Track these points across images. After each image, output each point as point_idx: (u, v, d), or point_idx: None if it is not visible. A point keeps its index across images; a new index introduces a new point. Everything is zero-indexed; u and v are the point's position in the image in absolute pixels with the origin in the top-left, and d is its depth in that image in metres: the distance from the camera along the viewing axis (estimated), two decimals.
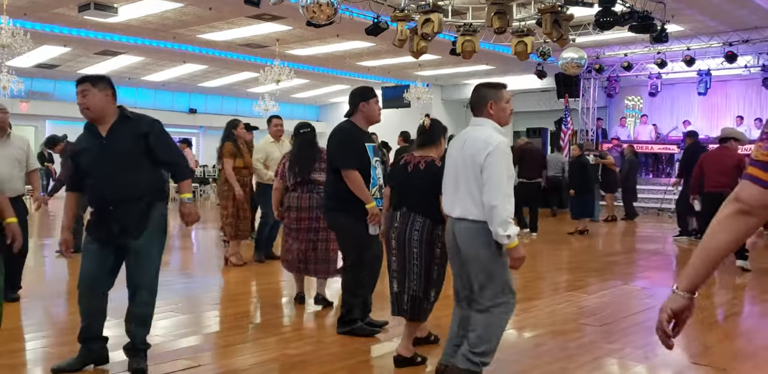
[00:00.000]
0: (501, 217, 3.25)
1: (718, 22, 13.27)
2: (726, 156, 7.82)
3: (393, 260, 3.99)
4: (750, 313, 5.74)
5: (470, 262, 3.45)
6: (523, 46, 10.68)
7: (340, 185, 4.36)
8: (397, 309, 4.01)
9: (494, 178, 3.30)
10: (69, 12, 12.07)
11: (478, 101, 3.55)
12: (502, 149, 3.34)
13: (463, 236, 3.45)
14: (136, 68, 18.43)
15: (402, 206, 3.98)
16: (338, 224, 4.53)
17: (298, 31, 13.71)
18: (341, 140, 4.48)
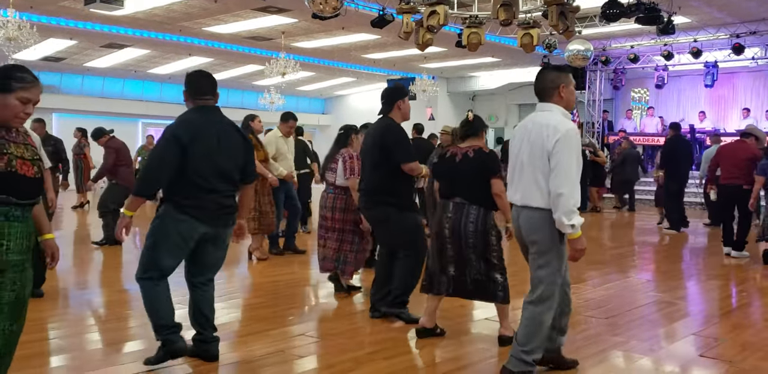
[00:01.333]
0: (567, 206, 3.21)
1: (725, 13, 13.18)
2: (741, 150, 8.02)
3: (448, 248, 4.18)
4: (758, 305, 5.74)
5: (533, 249, 3.45)
6: (529, 39, 10.62)
7: (388, 181, 4.60)
8: (454, 289, 4.25)
9: (563, 165, 3.24)
10: (75, 5, 12.06)
11: (547, 84, 3.50)
12: (572, 135, 3.30)
13: (526, 224, 3.45)
14: (142, 61, 18.43)
15: (454, 196, 4.15)
16: (388, 217, 4.66)
17: (304, 23, 13.69)
18: (398, 136, 4.64)
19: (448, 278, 4.25)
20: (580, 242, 3.28)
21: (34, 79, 2.69)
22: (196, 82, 3.76)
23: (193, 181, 3.53)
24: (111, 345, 4.28)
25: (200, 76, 3.81)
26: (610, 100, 18.90)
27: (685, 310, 5.44)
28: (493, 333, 4.44)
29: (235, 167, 3.72)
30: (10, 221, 2.60)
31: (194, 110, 3.70)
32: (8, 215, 2.60)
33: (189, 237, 3.59)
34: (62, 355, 4.04)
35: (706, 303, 5.93)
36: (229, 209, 3.72)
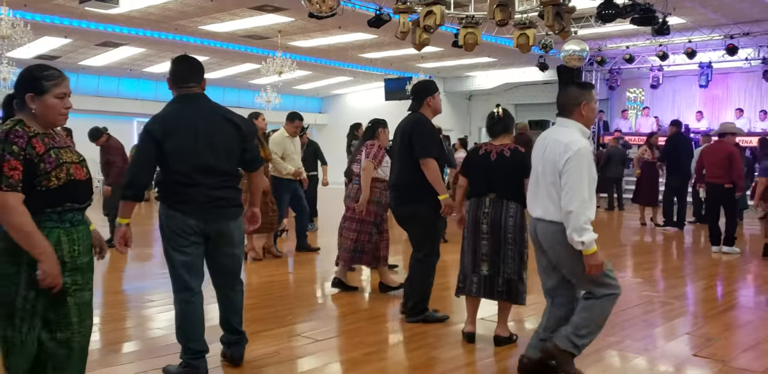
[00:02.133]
0: (577, 223, 3.25)
1: (720, 14, 13.24)
2: (720, 150, 8.31)
3: (483, 245, 4.21)
4: (751, 305, 5.77)
5: (557, 261, 3.52)
6: (525, 39, 10.65)
7: (418, 176, 4.53)
8: (485, 291, 4.24)
9: (572, 183, 3.29)
10: (70, 3, 12.03)
11: (569, 101, 3.51)
12: (583, 153, 3.33)
13: (543, 236, 3.51)
14: (138, 60, 18.39)
15: (489, 192, 4.20)
16: (417, 215, 4.65)
17: (301, 22, 13.68)
18: (424, 130, 4.63)
19: (480, 278, 4.26)
20: (593, 258, 3.29)
21: (60, 73, 2.67)
22: (176, 69, 3.55)
23: (174, 177, 3.39)
24: (107, 345, 4.28)
25: (181, 61, 3.60)
26: (605, 100, 18.95)
27: (680, 309, 5.47)
28: (489, 332, 4.46)
29: (224, 158, 3.47)
30: (75, 225, 2.65)
31: (174, 101, 3.52)
32: (73, 220, 2.64)
33: (184, 232, 3.41)
34: None
35: (700, 302, 5.96)
36: (223, 201, 3.47)
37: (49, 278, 2.49)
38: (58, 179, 2.56)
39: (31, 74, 2.62)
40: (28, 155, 2.50)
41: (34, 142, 2.54)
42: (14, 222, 2.45)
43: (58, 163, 2.57)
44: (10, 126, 2.54)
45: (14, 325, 2.55)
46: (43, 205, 2.54)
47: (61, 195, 2.58)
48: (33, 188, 2.52)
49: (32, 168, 2.51)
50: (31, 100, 2.58)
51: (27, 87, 2.60)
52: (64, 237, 2.59)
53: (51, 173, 2.54)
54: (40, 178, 2.53)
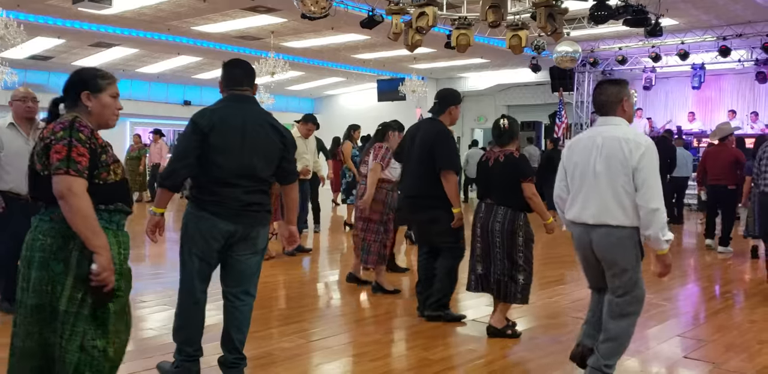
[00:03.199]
0: (663, 220, 3.13)
1: (712, 16, 13.29)
2: (725, 153, 8.57)
3: (477, 246, 4.46)
4: (741, 306, 5.79)
5: (612, 270, 3.33)
6: (517, 40, 10.67)
7: (434, 184, 4.64)
8: (482, 287, 4.49)
9: (651, 180, 3.16)
10: (63, 3, 12.00)
11: (610, 98, 3.40)
12: (653, 149, 3.23)
13: (605, 244, 3.30)
14: (131, 60, 18.36)
15: (486, 197, 4.39)
16: (438, 219, 4.73)
17: (293, 23, 13.67)
18: (448, 142, 4.74)
19: (476, 276, 4.50)
20: (668, 258, 3.22)
21: (112, 75, 2.67)
22: (229, 72, 3.48)
23: (211, 174, 3.25)
24: None
25: (233, 65, 3.52)
26: None
27: (671, 311, 5.48)
28: (481, 334, 4.47)
29: (264, 164, 3.35)
30: (122, 229, 2.60)
31: (226, 99, 3.43)
32: (119, 223, 2.59)
33: (212, 237, 3.28)
34: None
35: (692, 304, 5.98)
36: (256, 206, 3.35)
37: (104, 274, 2.38)
38: (116, 173, 2.53)
39: (85, 74, 2.61)
40: (93, 144, 2.46)
41: (96, 134, 2.51)
42: (79, 207, 2.35)
43: (115, 158, 2.56)
44: (72, 117, 2.49)
45: (55, 329, 2.42)
46: (98, 201, 2.46)
47: (116, 192, 2.54)
48: (91, 181, 2.44)
49: (95, 158, 2.46)
50: (87, 98, 2.55)
51: (82, 85, 2.57)
52: (112, 238, 2.50)
53: (110, 166, 2.51)
54: (100, 170, 2.48)
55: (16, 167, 4.61)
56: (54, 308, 2.42)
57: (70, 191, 2.35)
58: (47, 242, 2.43)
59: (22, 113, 4.74)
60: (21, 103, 4.73)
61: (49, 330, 2.44)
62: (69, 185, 2.36)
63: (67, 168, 2.37)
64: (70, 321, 2.42)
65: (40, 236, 2.45)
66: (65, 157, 2.38)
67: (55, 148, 2.40)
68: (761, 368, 3.92)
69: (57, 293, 2.41)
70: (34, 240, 2.47)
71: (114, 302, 2.50)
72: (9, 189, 4.67)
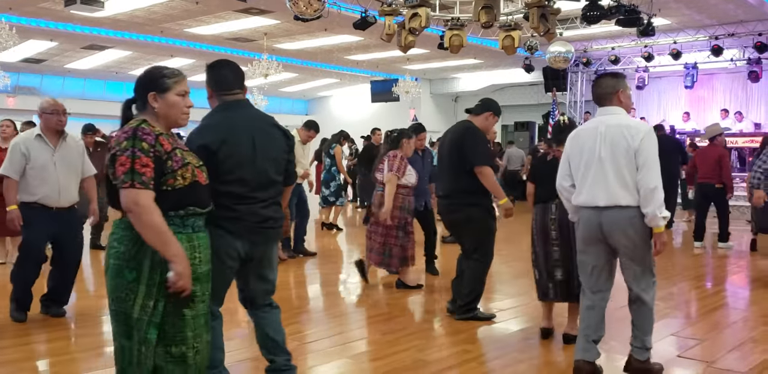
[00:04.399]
0: (660, 199, 3.37)
1: (704, 15, 13.33)
2: (711, 152, 8.82)
3: (555, 251, 4.35)
4: (735, 305, 5.81)
5: (625, 251, 3.57)
6: (510, 41, 10.69)
7: (470, 182, 4.66)
8: (561, 295, 4.38)
9: (650, 161, 3.41)
10: (55, 6, 11.98)
11: (607, 90, 3.63)
12: (653, 133, 3.49)
13: (615, 225, 3.51)
14: (124, 63, 18.33)
15: (555, 198, 4.19)
16: (472, 218, 4.77)
17: (286, 25, 13.68)
18: (478, 140, 4.76)
19: (555, 283, 4.38)
20: (663, 235, 3.45)
21: (180, 71, 2.62)
22: (218, 74, 3.18)
23: (226, 190, 2.98)
24: (91, 349, 4.25)
25: (222, 66, 3.20)
26: (591, 101, 18.95)
27: (665, 311, 5.49)
28: (475, 335, 4.46)
29: (276, 169, 3.18)
30: (197, 232, 2.56)
31: (221, 109, 3.14)
32: (194, 225, 2.55)
33: (227, 256, 3.04)
34: (43, 360, 4.02)
35: (685, 303, 6.00)
36: (272, 221, 3.16)
37: (181, 281, 2.37)
38: (184, 178, 2.48)
39: (151, 73, 2.58)
40: (157, 151, 2.43)
41: (161, 139, 2.47)
42: (148, 221, 2.35)
43: (183, 162, 2.50)
44: (136, 124, 2.47)
45: (130, 336, 2.45)
46: (168, 207, 2.44)
47: (186, 197, 2.50)
48: (159, 188, 2.43)
49: (160, 166, 2.43)
50: (154, 99, 2.53)
51: (149, 86, 2.54)
52: (186, 243, 2.48)
53: (177, 172, 2.47)
54: (167, 176, 2.45)
55: (43, 179, 4.59)
56: (128, 315, 2.43)
57: (137, 205, 2.35)
58: (120, 249, 2.43)
59: (53, 125, 4.68)
60: (53, 116, 4.67)
61: (125, 337, 2.46)
62: (135, 199, 2.35)
63: (132, 181, 2.36)
64: (143, 328, 2.43)
65: (115, 244, 2.46)
66: (129, 169, 2.37)
67: (120, 160, 2.39)
68: (754, 366, 3.94)
69: (130, 300, 2.42)
70: (110, 247, 2.48)
71: (189, 307, 2.50)
72: (35, 201, 4.59)
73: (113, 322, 2.49)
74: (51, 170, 4.64)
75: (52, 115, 4.67)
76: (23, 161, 4.56)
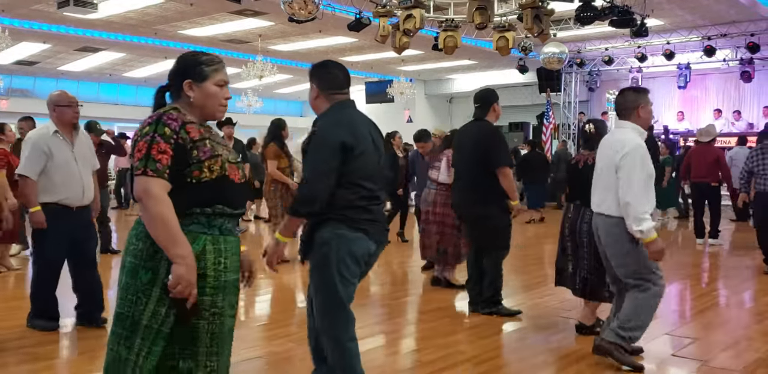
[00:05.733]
0: (634, 213, 3.53)
1: (697, 16, 13.38)
2: (709, 153, 9.10)
3: (568, 245, 4.62)
4: (728, 304, 5.83)
5: (609, 252, 3.83)
6: (504, 42, 10.73)
7: (490, 180, 4.88)
8: (567, 283, 4.64)
9: (627, 177, 3.59)
10: (48, 8, 11.94)
11: (628, 104, 3.79)
12: (638, 151, 3.63)
13: (602, 230, 3.83)
14: (118, 65, 18.29)
15: (575, 199, 4.53)
16: (490, 215, 4.97)
17: (280, 26, 13.67)
18: (500, 140, 5.05)
19: (567, 274, 4.64)
20: (654, 245, 3.56)
21: (220, 58, 2.39)
22: (329, 74, 3.14)
23: (361, 190, 2.96)
24: (85, 352, 4.24)
25: (332, 66, 3.17)
26: (585, 101, 19.09)
27: (660, 310, 5.49)
28: (470, 336, 4.47)
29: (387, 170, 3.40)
30: (225, 235, 2.29)
31: (341, 107, 3.09)
32: (222, 228, 2.28)
33: (364, 260, 3.01)
34: (36, 364, 4.01)
35: (680, 302, 6.02)
36: (385, 219, 3.19)
37: (182, 285, 2.09)
38: (211, 171, 2.22)
39: (189, 60, 2.35)
40: (181, 139, 2.20)
41: (189, 127, 2.24)
42: (156, 212, 2.11)
43: (213, 153, 2.24)
44: (165, 110, 2.28)
45: (132, 345, 2.18)
46: (192, 202, 2.20)
47: (213, 193, 2.23)
48: (182, 180, 2.19)
49: (183, 155, 2.19)
50: (190, 87, 2.31)
51: (185, 73, 2.32)
52: (210, 246, 2.22)
53: (204, 163, 2.21)
54: (191, 167, 2.20)
55: (65, 177, 4.35)
56: (135, 321, 2.18)
57: (146, 193, 2.13)
58: (138, 246, 2.21)
59: (68, 119, 4.43)
60: (67, 108, 4.43)
61: (125, 345, 2.20)
62: (146, 186, 2.13)
63: (145, 168, 2.14)
64: (149, 338, 2.18)
65: (133, 240, 2.23)
66: (144, 155, 2.15)
67: (138, 145, 2.18)
68: (748, 364, 3.96)
69: (141, 304, 2.17)
70: (128, 243, 2.26)
71: (207, 320, 2.23)
72: (57, 201, 4.35)
73: (115, 327, 2.23)
74: (73, 167, 4.41)
75: (67, 107, 4.43)
76: (44, 160, 4.29)
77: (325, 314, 3.06)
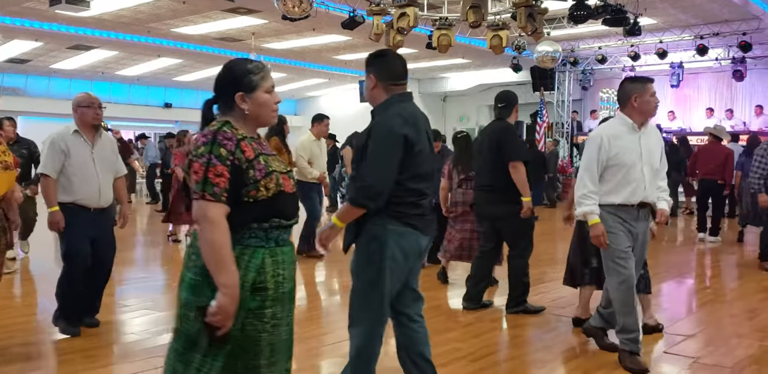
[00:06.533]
0: (575, 197, 3.80)
1: (690, 15, 13.43)
2: (718, 150, 9.28)
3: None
4: (721, 301, 5.86)
5: None
6: (498, 40, 10.73)
7: (508, 179, 4.89)
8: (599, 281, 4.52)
9: (582, 164, 3.83)
10: (40, 5, 11.88)
11: (621, 95, 3.85)
12: (591, 139, 3.83)
13: None
14: (110, 63, 18.22)
15: None
16: (513, 213, 4.94)
17: (274, 24, 13.64)
18: (513, 134, 5.12)
19: (591, 270, 4.61)
20: (592, 229, 3.75)
21: (263, 64, 2.33)
22: (388, 64, 3.07)
23: (414, 185, 2.92)
24: (81, 351, 4.23)
25: (393, 56, 3.10)
26: (579, 100, 19.13)
27: (652, 307, 5.53)
28: (466, 333, 4.47)
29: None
30: (281, 246, 2.25)
31: (401, 99, 3.03)
32: (278, 239, 2.25)
33: (413, 255, 2.98)
34: (29, 363, 4.00)
35: (673, 300, 6.04)
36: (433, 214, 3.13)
37: (221, 316, 2.06)
38: (267, 189, 2.18)
39: (237, 70, 2.27)
40: (237, 160, 2.15)
41: (243, 145, 2.18)
42: (211, 238, 2.08)
43: (267, 171, 2.20)
44: (217, 127, 2.20)
45: (191, 361, 2.15)
46: (249, 219, 2.17)
47: (269, 209, 2.20)
48: (239, 199, 2.15)
49: (240, 176, 2.15)
50: (242, 99, 2.24)
51: (235, 85, 2.25)
52: (269, 259, 2.20)
53: (260, 182, 2.17)
54: (248, 187, 2.16)
55: (82, 177, 4.32)
56: (194, 337, 2.14)
57: (204, 218, 2.10)
58: (199, 263, 2.14)
59: (89, 120, 4.40)
60: (88, 109, 4.39)
61: (182, 361, 2.17)
62: (204, 212, 2.10)
63: (203, 192, 2.10)
64: (211, 354, 2.15)
65: (194, 257, 2.18)
66: (202, 179, 2.11)
67: (194, 167, 2.13)
68: (739, 361, 3.98)
69: (200, 321, 2.11)
70: (188, 259, 2.21)
71: (269, 332, 2.21)
72: (74, 201, 4.32)
73: (175, 343, 2.20)
74: (90, 168, 4.38)
75: (89, 108, 4.39)
76: (62, 159, 4.27)
77: (362, 308, 3.00)
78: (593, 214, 3.71)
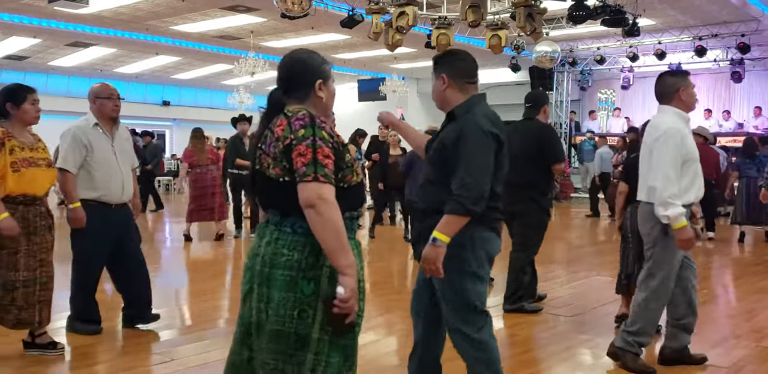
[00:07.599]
0: (660, 197, 3.43)
1: (689, 16, 13.45)
2: (711, 151, 9.20)
3: (629, 248, 4.51)
4: (719, 301, 5.86)
5: (645, 240, 3.73)
6: (497, 40, 10.74)
7: (538, 178, 4.97)
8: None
9: (657, 160, 3.48)
10: (39, 2, 11.87)
11: (666, 89, 3.69)
12: (671, 134, 3.49)
13: (639, 217, 3.76)
14: (108, 60, 18.21)
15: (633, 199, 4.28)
16: (528, 213, 4.99)
17: (273, 22, 13.64)
18: (556, 136, 5.22)
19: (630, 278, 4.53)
20: (681, 233, 3.44)
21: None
22: (461, 61, 2.95)
23: (498, 187, 2.80)
24: (78, 347, 4.22)
25: (465, 54, 2.98)
26: (577, 101, 19.15)
27: None
28: None
29: None
30: (353, 238, 2.16)
31: (478, 99, 2.90)
32: (354, 231, 2.19)
33: (491, 260, 2.89)
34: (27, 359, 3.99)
35: None
36: None
37: (351, 300, 1.97)
38: (357, 174, 2.16)
39: (314, 59, 2.23)
40: (335, 143, 2.09)
41: (335, 131, 2.16)
42: (332, 218, 1.97)
43: (349, 163, 2.16)
44: (307, 111, 2.13)
45: (303, 362, 2.06)
46: (345, 207, 2.07)
47: (357, 196, 2.17)
48: (337, 184, 2.07)
49: (339, 159, 2.09)
50: (320, 88, 2.21)
51: (316, 74, 2.21)
52: (356, 250, 2.10)
53: (353, 166, 2.14)
54: (345, 171, 2.11)
55: (105, 172, 4.17)
56: (302, 336, 2.05)
57: (321, 199, 1.98)
58: (294, 257, 2.05)
59: (109, 111, 4.25)
60: (108, 101, 4.25)
61: (292, 362, 2.07)
62: (320, 192, 1.98)
63: (315, 174, 1.99)
64: (324, 351, 2.06)
65: (285, 251, 2.07)
66: (311, 161, 2.01)
67: (298, 149, 2.02)
68: (737, 361, 3.98)
69: (308, 318, 2.04)
70: (276, 255, 2.08)
71: (359, 326, 2.15)
72: (96, 197, 4.16)
73: (275, 345, 2.07)
74: (113, 162, 4.23)
75: (108, 100, 4.25)
76: (84, 153, 4.11)
77: (456, 313, 2.88)
78: (683, 216, 3.43)
